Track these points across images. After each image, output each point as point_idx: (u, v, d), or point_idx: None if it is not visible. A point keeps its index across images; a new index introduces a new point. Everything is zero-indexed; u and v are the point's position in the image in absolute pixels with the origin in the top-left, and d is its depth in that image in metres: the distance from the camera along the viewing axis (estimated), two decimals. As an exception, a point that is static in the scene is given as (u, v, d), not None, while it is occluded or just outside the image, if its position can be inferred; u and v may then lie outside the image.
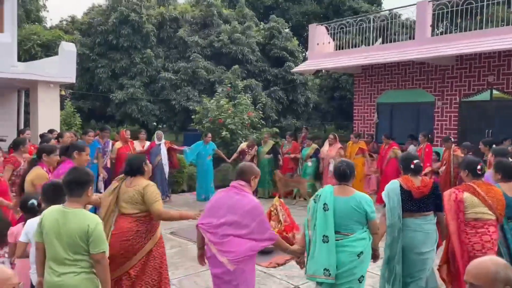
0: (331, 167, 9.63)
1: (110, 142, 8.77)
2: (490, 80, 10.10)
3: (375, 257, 3.57)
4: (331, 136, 9.94)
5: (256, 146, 10.16)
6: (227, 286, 3.15)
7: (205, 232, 3.26)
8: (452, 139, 8.88)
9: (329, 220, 3.28)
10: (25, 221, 3.50)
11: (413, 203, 3.79)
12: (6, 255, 3.64)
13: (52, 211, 2.83)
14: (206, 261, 3.50)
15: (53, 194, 3.22)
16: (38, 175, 4.35)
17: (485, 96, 10.29)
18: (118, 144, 8.85)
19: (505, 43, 8.80)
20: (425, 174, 8.67)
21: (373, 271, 4.83)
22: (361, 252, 3.30)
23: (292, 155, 10.21)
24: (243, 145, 10.25)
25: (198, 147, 9.87)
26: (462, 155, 7.69)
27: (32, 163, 4.65)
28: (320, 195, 3.41)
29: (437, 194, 3.87)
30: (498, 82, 9.99)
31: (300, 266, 3.61)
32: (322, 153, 9.92)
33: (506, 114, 10.00)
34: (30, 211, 3.55)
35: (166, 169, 9.47)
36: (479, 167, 3.82)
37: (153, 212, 3.58)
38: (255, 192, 9.76)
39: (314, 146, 10.21)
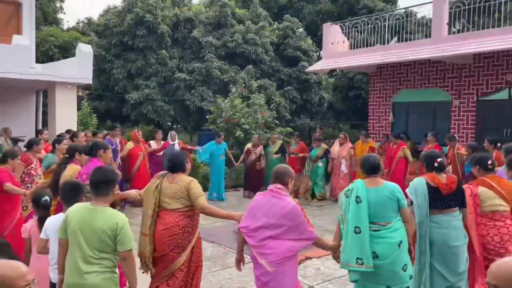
0: (342, 167, 9.63)
1: (118, 140, 8.75)
2: (508, 78, 9.91)
3: (410, 252, 3.60)
4: (341, 136, 9.99)
5: (261, 145, 10.14)
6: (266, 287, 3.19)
7: (245, 235, 3.31)
8: (457, 137, 8.84)
9: (362, 211, 3.39)
10: (38, 217, 3.58)
11: (441, 200, 3.77)
12: None
13: (78, 209, 2.86)
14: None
15: (71, 193, 3.29)
16: (75, 171, 4.54)
17: (503, 95, 10.10)
18: (130, 144, 8.88)
19: (524, 41, 8.63)
20: None
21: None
22: (401, 242, 3.42)
23: (301, 155, 10.12)
24: (249, 145, 10.25)
25: (210, 147, 9.94)
26: (466, 153, 7.72)
27: (64, 161, 4.85)
28: (351, 189, 3.51)
29: (462, 190, 3.87)
30: (517, 80, 9.80)
31: (336, 261, 3.69)
32: (333, 153, 9.93)
33: (525, 113, 9.80)
34: (43, 208, 3.64)
35: None
36: (489, 162, 4.02)
37: (197, 205, 3.69)
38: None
39: (324, 146, 10.22)
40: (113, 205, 3.04)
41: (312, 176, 10.05)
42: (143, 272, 3.74)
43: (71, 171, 4.56)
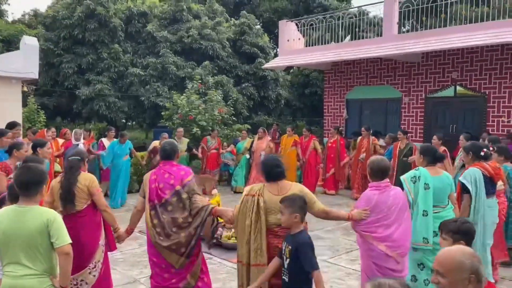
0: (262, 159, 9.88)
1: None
2: (454, 76, 10.40)
3: None
4: (260, 130, 10.54)
5: None
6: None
7: (370, 233, 3.44)
8: (371, 130, 9.71)
9: (428, 197, 3.89)
10: None
11: (492, 186, 4.46)
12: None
13: (6, 212, 2.71)
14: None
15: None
16: None
17: (449, 92, 10.59)
18: None
19: (469, 41, 9.07)
20: (344, 164, 10.22)
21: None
22: None
23: (224, 151, 10.66)
24: (155, 143, 9.74)
25: (113, 148, 9.00)
26: (379, 144, 9.32)
27: None
28: (419, 176, 3.95)
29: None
30: (462, 78, 10.30)
31: None
32: (253, 146, 10.43)
33: (469, 110, 10.33)
34: None
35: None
36: (485, 150, 4.55)
37: (317, 211, 3.33)
38: None
39: (250, 139, 10.56)
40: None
41: (239, 168, 10.52)
42: None
43: None
